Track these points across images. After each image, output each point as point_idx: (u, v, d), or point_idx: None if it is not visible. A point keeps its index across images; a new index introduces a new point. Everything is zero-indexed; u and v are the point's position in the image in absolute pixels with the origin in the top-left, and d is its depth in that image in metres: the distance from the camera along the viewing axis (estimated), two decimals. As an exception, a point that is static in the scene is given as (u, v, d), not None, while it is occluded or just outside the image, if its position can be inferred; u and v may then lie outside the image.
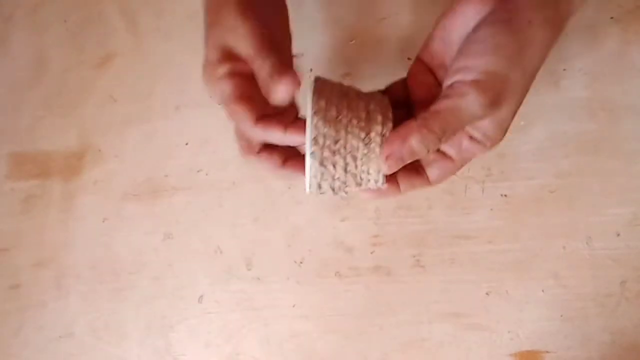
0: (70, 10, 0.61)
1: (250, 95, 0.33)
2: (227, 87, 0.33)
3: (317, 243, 0.47)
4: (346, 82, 0.47)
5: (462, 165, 0.34)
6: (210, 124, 0.53)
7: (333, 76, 0.48)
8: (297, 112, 0.37)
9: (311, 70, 0.49)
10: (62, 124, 0.59)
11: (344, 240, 0.47)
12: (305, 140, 0.32)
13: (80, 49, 0.60)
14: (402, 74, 0.46)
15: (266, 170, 0.36)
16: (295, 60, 0.41)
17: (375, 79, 0.47)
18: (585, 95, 0.42)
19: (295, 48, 0.49)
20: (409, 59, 0.46)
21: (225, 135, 0.52)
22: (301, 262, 0.48)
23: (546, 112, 0.42)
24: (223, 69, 0.33)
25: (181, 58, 0.55)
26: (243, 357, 0.49)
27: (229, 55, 0.33)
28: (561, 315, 0.41)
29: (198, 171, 0.53)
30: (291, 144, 0.35)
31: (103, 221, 0.56)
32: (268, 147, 0.36)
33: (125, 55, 0.58)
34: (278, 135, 0.34)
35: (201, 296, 0.51)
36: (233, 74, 0.33)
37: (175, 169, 0.53)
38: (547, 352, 0.41)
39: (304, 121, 0.33)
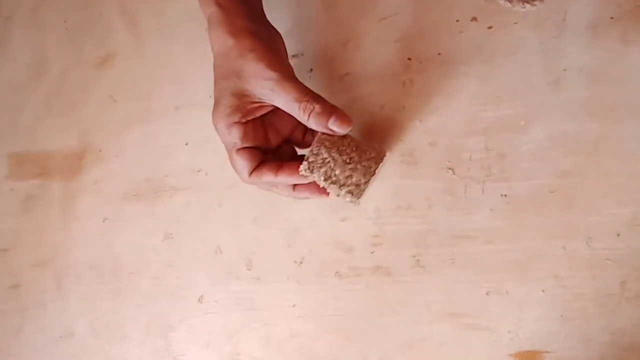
0: (70, 10, 0.61)
1: (251, 145, 0.39)
2: (234, 136, 0.39)
3: (317, 243, 0.47)
4: (346, 82, 0.48)
5: None
6: (210, 124, 0.53)
7: (333, 76, 0.48)
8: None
9: (311, 70, 0.49)
10: (62, 124, 0.59)
11: (344, 240, 0.47)
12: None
13: (80, 49, 0.60)
14: (402, 73, 0.46)
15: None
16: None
17: (375, 79, 0.47)
18: (585, 95, 0.41)
19: (295, 48, 0.49)
20: (409, 59, 0.46)
21: (225, 135, 0.52)
22: (301, 262, 0.48)
23: (546, 112, 0.42)
24: (235, 117, 0.39)
25: (181, 58, 0.55)
26: (243, 357, 0.49)
27: (244, 102, 0.38)
28: (561, 315, 0.41)
29: (198, 171, 0.53)
30: (281, 184, 0.42)
31: (103, 221, 0.56)
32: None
33: (125, 55, 0.58)
34: (269, 179, 0.40)
35: (201, 296, 0.51)
36: (244, 123, 0.39)
37: (175, 169, 0.53)
38: (547, 352, 0.41)
39: (292, 163, 0.40)
